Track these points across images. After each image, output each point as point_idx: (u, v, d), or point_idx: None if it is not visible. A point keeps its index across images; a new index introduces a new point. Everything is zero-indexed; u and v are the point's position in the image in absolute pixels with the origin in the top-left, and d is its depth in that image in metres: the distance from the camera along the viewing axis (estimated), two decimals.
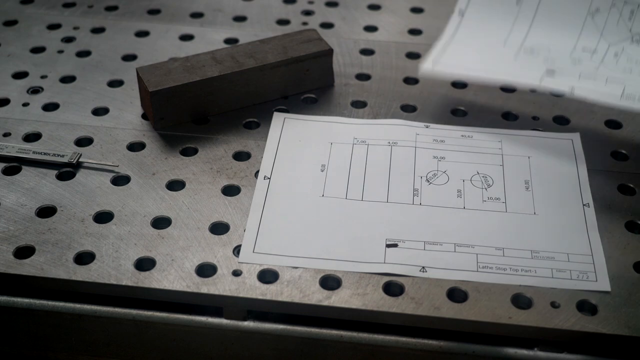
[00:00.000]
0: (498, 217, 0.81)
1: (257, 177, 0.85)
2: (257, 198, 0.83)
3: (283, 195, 0.83)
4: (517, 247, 0.77)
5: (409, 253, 0.77)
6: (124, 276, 0.74)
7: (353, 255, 0.77)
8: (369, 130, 0.91)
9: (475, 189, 0.84)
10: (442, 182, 0.85)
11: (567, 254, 0.76)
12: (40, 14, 1.13)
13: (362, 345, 0.74)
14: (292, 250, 0.77)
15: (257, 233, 0.79)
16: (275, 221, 0.80)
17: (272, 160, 0.87)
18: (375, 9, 1.16)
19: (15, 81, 1.00)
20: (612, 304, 0.73)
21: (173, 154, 0.89)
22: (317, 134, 0.91)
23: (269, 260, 0.76)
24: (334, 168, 0.86)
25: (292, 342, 0.75)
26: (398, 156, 0.88)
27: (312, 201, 0.82)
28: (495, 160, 0.87)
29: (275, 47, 0.96)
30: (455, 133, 0.91)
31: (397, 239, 0.78)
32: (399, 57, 1.05)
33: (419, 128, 0.91)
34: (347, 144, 0.89)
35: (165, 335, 0.76)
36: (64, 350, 0.79)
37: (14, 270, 0.75)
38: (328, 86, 0.99)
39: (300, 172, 0.86)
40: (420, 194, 0.83)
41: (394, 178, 0.85)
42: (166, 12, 1.14)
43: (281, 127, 0.92)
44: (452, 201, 0.82)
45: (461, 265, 0.75)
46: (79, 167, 0.87)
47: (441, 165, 0.87)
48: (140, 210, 0.82)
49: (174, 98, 0.90)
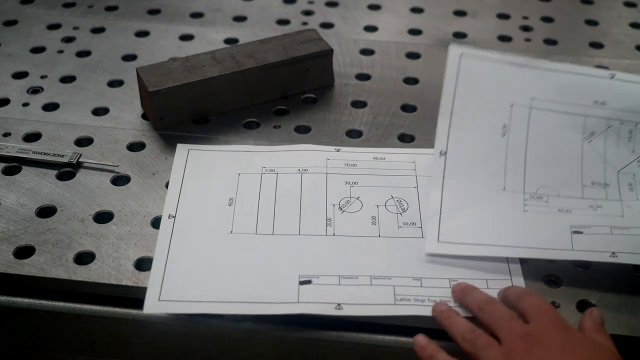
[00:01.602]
0: (414, 244, 0.77)
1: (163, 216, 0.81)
2: (162, 239, 0.77)
3: (189, 234, 0.78)
4: (436, 276, 0.74)
5: (324, 289, 0.73)
6: (124, 276, 0.74)
7: (266, 295, 0.72)
8: (277, 158, 0.87)
9: (390, 215, 0.80)
10: (355, 210, 0.81)
11: (485, 279, 0.73)
12: (40, 14, 1.13)
13: (362, 345, 0.74)
14: (200, 296, 0.72)
15: (163, 280, 0.73)
16: (181, 264, 0.75)
17: (177, 197, 0.82)
18: (375, 9, 1.16)
19: (15, 81, 1.00)
20: (612, 304, 0.73)
21: (173, 154, 0.89)
22: (224, 165, 0.86)
23: (176, 307, 0.71)
24: (243, 201, 0.81)
25: (292, 343, 0.75)
26: (309, 184, 0.83)
27: (220, 239, 0.77)
28: (410, 182, 0.84)
29: (275, 47, 0.96)
30: (367, 156, 0.87)
31: (310, 274, 0.74)
32: (399, 57, 1.05)
33: (330, 152, 0.87)
34: (255, 174, 0.84)
35: (165, 335, 0.76)
36: (64, 350, 0.79)
37: (14, 270, 0.75)
38: (328, 86, 0.99)
39: (207, 208, 0.81)
40: (333, 224, 0.79)
41: (306, 208, 0.81)
42: (166, 12, 1.14)
43: (185, 159, 0.86)
44: (366, 229, 0.79)
45: (378, 299, 0.72)
46: (79, 167, 0.87)
47: (354, 191, 0.83)
48: (140, 210, 0.82)
49: (174, 98, 0.90)
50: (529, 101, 0.81)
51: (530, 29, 1.12)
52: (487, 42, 1.09)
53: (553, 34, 1.11)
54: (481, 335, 0.67)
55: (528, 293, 0.70)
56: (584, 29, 1.13)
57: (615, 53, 1.07)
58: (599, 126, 0.80)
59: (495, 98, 0.81)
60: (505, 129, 0.80)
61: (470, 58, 0.82)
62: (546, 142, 0.80)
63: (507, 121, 0.80)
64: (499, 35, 1.11)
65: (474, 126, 0.80)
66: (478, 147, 0.80)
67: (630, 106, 0.80)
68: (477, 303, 0.70)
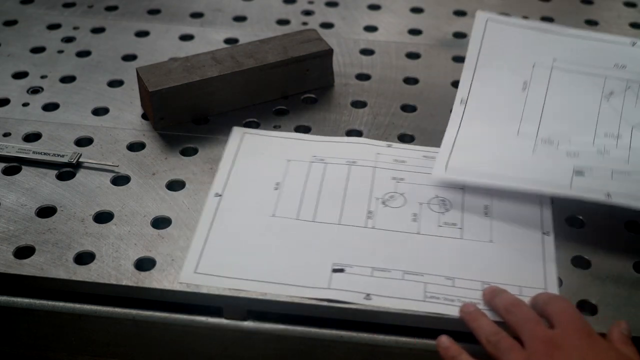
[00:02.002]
0: (452, 244, 0.78)
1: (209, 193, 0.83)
2: (206, 216, 0.80)
3: (233, 213, 0.80)
4: (468, 277, 0.74)
5: (355, 279, 0.74)
6: (124, 276, 0.74)
7: (298, 278, 0.74)
8: (328, 148, 0.88)
9: (432, 213, 0.80)
10: (398, 205, 0.82)
11: (519, 286, 0.73)
12: (40, 14, 1.13)
13: (362, 345, 0.74)
14: (234, 272, 0.74)
15: (201, 253, 0.76)
16: (221, 241, 0.77)
17: (226, 177, 0.85)
18: (375, 9, 1.16)
19: (15, 81, 1.00)
20: (612, 304, 0.73)
21: (173, 154, 0.89)
22: (275, 150, 0.88)
23: (210, 281, 0.74)
24: (288, 186, 0.83)
25: (292, 342, 0.75)
26: (355, 176, 0.85)
27: (262, 221, 0.80)
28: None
29: (275, 47, 0.96)
30: (417, 153, 0.88)
31: (345, 263, 0.75)
32: (399, 57, 1.05)
33: (381, 147, 0.89)
34: (304, 161, 0.86)
35: (165, 335, 0.76)
36: (64, 350, 0.79)
37: (14, 270, 0.75)
38: (328, 86, 0.99)
39: (253, 190, 0.83)
40: (374, 217, 0.80)
41: (349, 199, 0.82)
42: (166, 12, 1.14)
43: (239, 142, 0.89)
44: (406, 225, 0.79)
45: (407, 294, 0.72)
46: (79, 167, 0.87)
47: (399, 187, 0.83)
48: (140, 210, 0.82)
49: (174, 98, 0.90)
50: (551, 62, 0.84)
51: None
52: None
53: None
54: (505, 337, 0.67)
55: (557, 298, 0.70)
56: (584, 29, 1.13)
57: None
58: (619, 86, 0.82)
59: (518, 57, 0.84)
60: (525, 85, 0.83)
61: (496, 22, 0.87)
62: (565, 97, 0.82)
63: (528, 78, 0.83)
64: None
65: (496, 80, 0.84)
66: (498, 98, 0.83)
67: None
68: (504, 304, 0.70)
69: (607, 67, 0.83)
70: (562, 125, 0.80)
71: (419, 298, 0.72)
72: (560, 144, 0.79)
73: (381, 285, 0.73)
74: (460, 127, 0.80)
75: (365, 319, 0.73)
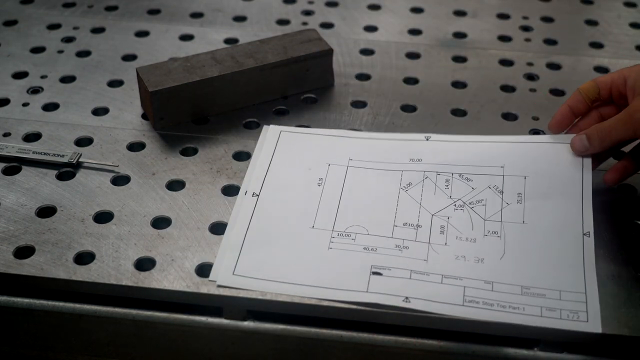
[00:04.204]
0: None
1: (240, 191, 0.83)
2: (242, 215, 0.79)
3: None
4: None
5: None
6: (124, 276, 0.74)
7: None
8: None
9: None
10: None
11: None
12: (40, 14, 1.13)
13: (362, 345, 0.74)
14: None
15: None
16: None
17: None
18: (375, 9, 1.16)
19: (15, 81, 1.00)
20: (612, 304, 0.73)
21: (173, 154, 0.89)
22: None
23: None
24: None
25: (292, 342, 0.75)
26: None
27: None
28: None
29: (275, 47, 0.96)
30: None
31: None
32: (399, 57, 1.05)
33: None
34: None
35: (165, 335, 0.76)
36: (64, 350, 0.79)
37: (14, 270, 0.75)
38: (328, 86, 0.99)
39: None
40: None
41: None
42: (166, 12, 1.14)
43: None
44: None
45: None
46: (79, 167, 0.87)
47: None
48: (140, 210, 0.82)
49: (174, 98, 0.90)
50: (347, 161, 0.86)
51: (530, 29, 1.12)
52: (487, 42, 1.09)
53: (553, 34, 1.11)
54: None
55: None
56: (584, 29, 1.13)
57: (615, 53, 1.07)
58: (416, 178, 0.83)
59: (313, 158, 0.86)
60: (321, 181, 0.84)
61: (289, 133, 0.89)
62: (362, 191, 0.83)
63: (324, 175, 0.84)
64: (499, 35, 1.11)
65: (290, 177, 0.84)
66: (292, 194, 0.82)
67: (444, 160, 0.85)
68: None
69: (403, 162, 0.85)
70: (360, 218, 0.79)
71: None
72: (358, 238, 0.78)
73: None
74: (250, 224, 0.78)
75: (366, 319, 0.73)
